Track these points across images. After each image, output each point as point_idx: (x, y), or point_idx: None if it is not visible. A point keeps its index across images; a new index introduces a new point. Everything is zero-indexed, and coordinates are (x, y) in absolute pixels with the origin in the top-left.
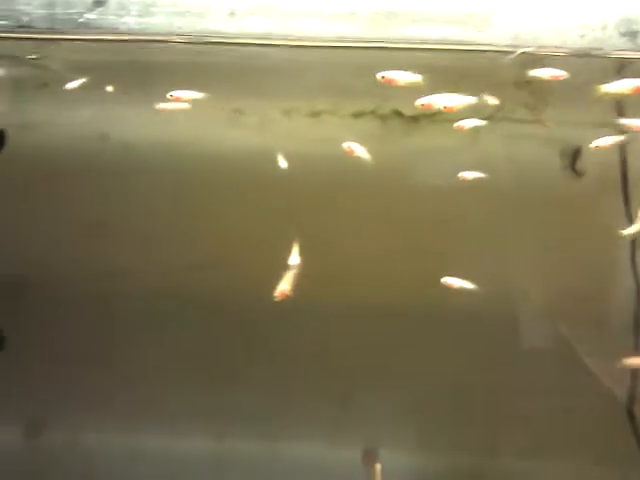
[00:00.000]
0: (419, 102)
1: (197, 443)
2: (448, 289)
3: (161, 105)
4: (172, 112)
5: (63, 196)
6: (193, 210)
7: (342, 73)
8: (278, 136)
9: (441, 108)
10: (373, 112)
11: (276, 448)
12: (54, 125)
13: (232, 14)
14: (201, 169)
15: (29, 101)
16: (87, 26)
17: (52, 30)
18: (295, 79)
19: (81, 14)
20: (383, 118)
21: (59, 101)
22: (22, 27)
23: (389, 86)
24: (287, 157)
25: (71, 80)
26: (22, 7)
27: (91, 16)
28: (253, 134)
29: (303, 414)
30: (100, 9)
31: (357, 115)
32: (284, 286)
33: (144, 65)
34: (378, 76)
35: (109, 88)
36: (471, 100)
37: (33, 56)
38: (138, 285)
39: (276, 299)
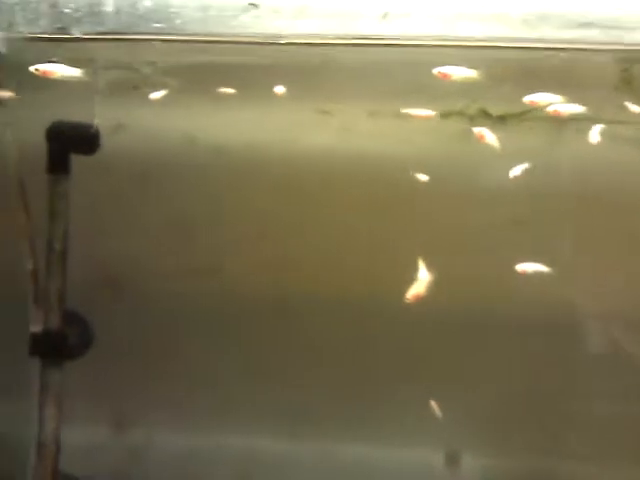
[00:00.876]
0: (528, 99)
1: (272, 443)
2: (529, 295)
3: None
4: (258, 113)
5: (153, 196)
6: (280, 211)
7: (428, 73)
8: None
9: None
10: (460, 112)
11: (351, 450)
12: (146, 127)
13: (384, 16)
14: (287, 170)
15: (122, 103)
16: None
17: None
18: (381, 79)
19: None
20: (471, 118)
21: (150, 103)
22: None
23: (477, 86)
24: (372, 158)
25: (162, 83)
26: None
27: (245, 19)
28: (339, 135)
29: (381, 417)
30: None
31: (444, 115)
32: (416, 290)
33: (237, 67)
34: (434, 71)
35: (201, 90)
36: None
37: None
38: (226, 285)
39: (408, 301)
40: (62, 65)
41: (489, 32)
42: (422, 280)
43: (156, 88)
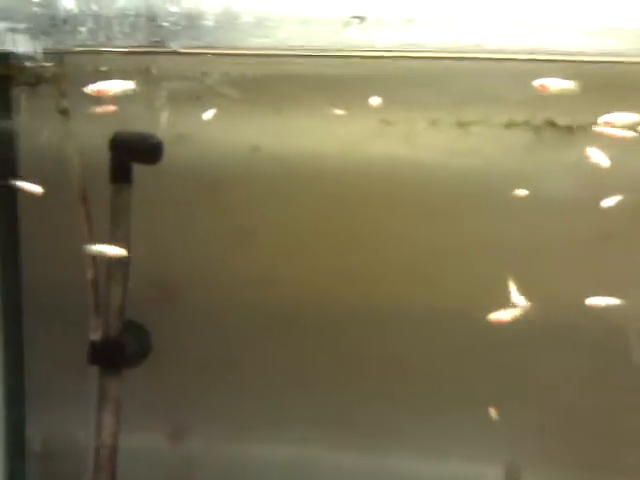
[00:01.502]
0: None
1: (331, 456)
2: (591, 308)
3: None
4: (320, 123)
5: (213, 206)
6: (341, 220)
7: (493, 83)
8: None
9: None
10: (526, 122)
11: (409, 463)
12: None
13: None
14: (349, 180)
15: (184, 113)
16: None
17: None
18: (443, 88)
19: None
20: (536, 129)
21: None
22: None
23: (543, 96)
24: (433, 169)
25: (227, 93)
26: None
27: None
28: (400, 145)
29: (442, 429)
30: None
31: (508, 126)
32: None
33: (298, 78)
34: (534, 83)
35: (265, 100)
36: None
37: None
38: (286, 295)
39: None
40: (114, 81)
41: (560, 44)
42: (513, 304)
43: (220, 100)
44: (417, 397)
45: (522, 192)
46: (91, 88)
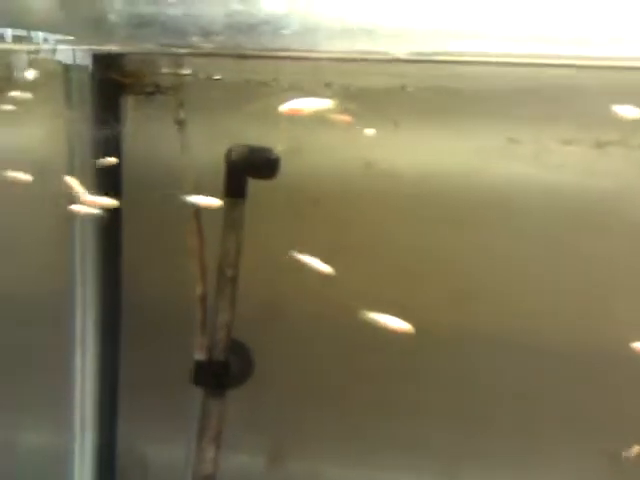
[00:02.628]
0: None
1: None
2: None
3: None
4: (441, 140)
5: (324, 222)
6: (457, 243)
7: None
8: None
9: None
10: None
11: None
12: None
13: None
14: (470, 200)
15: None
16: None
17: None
18: (577, 105)
19: None
20: None
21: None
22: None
23: None
24: (565, 191)
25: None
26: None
27: None
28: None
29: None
30: None
31: None
32: None
33: (419, 90)
34: None
35: (380, 114)
36: None
37: None
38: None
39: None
40: (310, 99)
41: None
42: None
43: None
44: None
45: None
46: (285, 107)
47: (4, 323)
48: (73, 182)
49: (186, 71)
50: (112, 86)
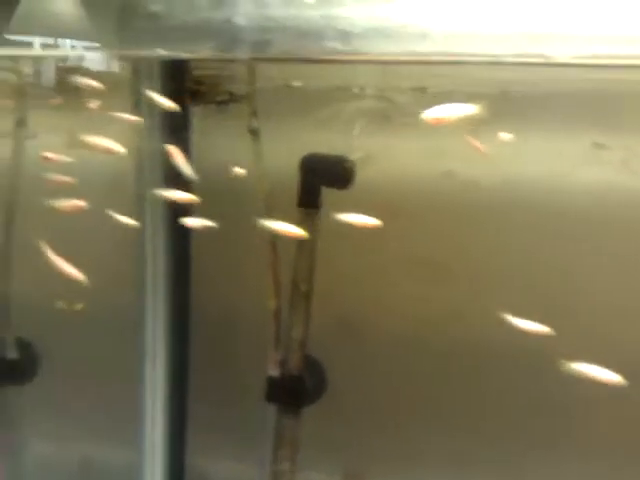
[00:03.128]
0: None
1: None
2: None
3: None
4: (525, 146)
5: (400, 234)
6: (541, 254)
7: None
8: None
9: None
10: None
11: None
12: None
13: None
14: (551, 210)
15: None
16: None
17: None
18: None
19: None
20: None
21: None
22: None
23: None
24: None
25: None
26: None
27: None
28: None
29: None
30: None
31: None
32: None
33: (499, 96)
34: None
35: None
36: None
37: None
38: (473, 330)
39: None
40: (454, 105)
41: None
42: None
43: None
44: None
45: None
46: (429, 115)
47: (76, 336)
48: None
49: (262, 78)
50: (181, 95)
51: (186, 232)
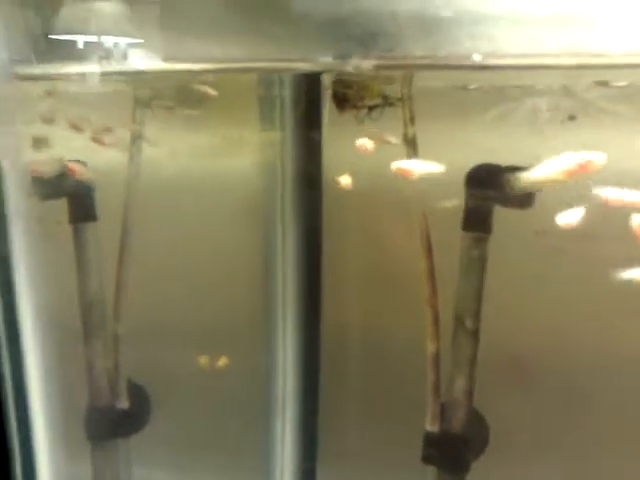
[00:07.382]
0: None
1: None
2: None
3: None
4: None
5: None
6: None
7: None
8: None
9: None
10: None
11: None
12: None
13: None
14: None
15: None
16: None
17: None
18: None
19: None
20: None
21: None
22: None
23: None
24: None
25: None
26: None
27: None
28: None
29: None
30: None
31: None
32: None
33: None
34: None
35: None
36: None
37: None
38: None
39: None
40: None
41: None
42: None
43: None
44: None
45: None
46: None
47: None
48: None
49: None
50: (317, 102)
51: (318, 242)
